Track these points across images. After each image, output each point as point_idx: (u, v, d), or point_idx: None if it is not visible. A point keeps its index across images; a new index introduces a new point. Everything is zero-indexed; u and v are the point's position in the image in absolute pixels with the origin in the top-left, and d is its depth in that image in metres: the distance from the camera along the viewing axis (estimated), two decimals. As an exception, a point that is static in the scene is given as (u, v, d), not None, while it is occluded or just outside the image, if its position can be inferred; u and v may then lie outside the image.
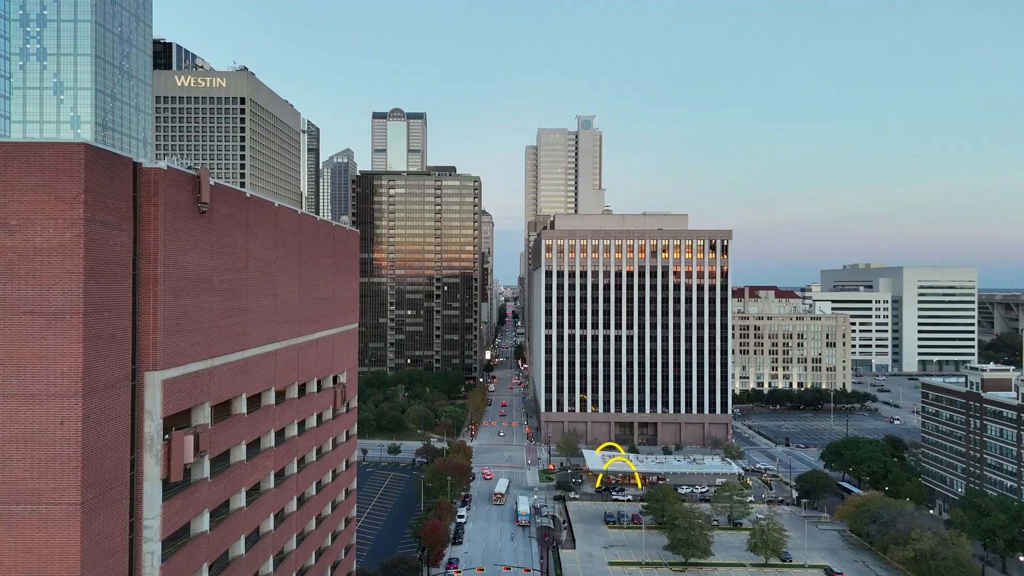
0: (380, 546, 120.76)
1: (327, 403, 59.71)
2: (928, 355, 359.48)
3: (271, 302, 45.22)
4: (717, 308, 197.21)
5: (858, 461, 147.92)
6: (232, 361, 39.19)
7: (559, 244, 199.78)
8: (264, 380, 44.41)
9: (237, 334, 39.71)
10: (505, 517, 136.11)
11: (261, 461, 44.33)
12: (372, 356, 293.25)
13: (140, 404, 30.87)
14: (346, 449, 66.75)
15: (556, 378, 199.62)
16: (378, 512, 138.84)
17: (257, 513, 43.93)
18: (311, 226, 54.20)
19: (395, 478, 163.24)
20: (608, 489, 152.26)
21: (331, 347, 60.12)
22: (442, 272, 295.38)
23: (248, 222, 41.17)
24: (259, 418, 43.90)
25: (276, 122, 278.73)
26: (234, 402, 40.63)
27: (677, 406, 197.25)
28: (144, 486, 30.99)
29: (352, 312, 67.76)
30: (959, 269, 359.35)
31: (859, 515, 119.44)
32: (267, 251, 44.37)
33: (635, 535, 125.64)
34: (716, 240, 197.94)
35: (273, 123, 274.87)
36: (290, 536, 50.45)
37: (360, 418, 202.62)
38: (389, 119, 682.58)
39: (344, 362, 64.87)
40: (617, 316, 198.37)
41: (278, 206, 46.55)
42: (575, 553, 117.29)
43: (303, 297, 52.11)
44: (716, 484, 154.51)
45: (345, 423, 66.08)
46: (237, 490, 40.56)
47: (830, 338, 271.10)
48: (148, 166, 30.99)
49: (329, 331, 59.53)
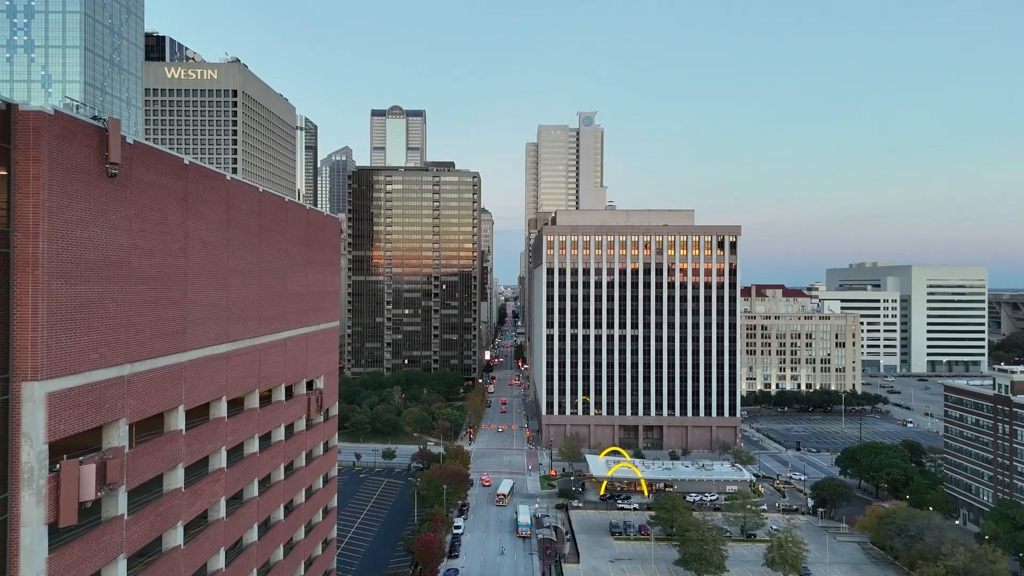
0: (371, 560, 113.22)
1: (299, 412, 52.11)
2: (937, 356, 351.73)
3: (221, 295, 37.61)
4: (725, 307, 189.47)
5: (876, 468, 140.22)
6: (162, 367, 31.59)
7: (561, 240, 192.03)
8: (212, 388, 36.82)
9: (170, 333, 32.11)
10: (504, 528, 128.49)
11: (207, 486, 36.72)
12: (368, 357, 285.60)
13: (15, 426, 23.26)
14: (324, 463, 59.13)
15: (558, 379, 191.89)
16: (370, 522, 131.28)
17: (202, 549, 36.36)
18: (276, 207, 46.55)
19: (389, 484, 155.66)
20: (613, 497, 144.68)
21: (304, 348, 52.51)
22: (440, 270, 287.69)
23: (187, 195, 33.55)
24: (204, 434, 36.31)
25: (270, 116, 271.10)
26: (168, 417, 33.05)
27: (684, 409, 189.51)
28: (21, 534, 23.37)
29: (331, 309, 60.16)
30: (969, 268, 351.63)
31: (883, 527, 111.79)
32: (215, 233, 36.76)
33: (643, 548, 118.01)
34: (724, 236, 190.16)
35: (267, 117, 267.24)
36: (249, 571, 42.85)
37: (354, 421, 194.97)
38: (388, 117, 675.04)
39: (321, 365, 57.27)
40: (621, 315, 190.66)
41: (230, 179, 38.93)
42: (579, 568, 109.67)
43: (266, 290, 44.48)
44: (726, 492, 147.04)
45: (322, 434, 58.48)
46: (171, 525, 32.96)
47: (839, 338, 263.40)
48: (26, 109, 23.38)
49: (301, 330, 51.91)
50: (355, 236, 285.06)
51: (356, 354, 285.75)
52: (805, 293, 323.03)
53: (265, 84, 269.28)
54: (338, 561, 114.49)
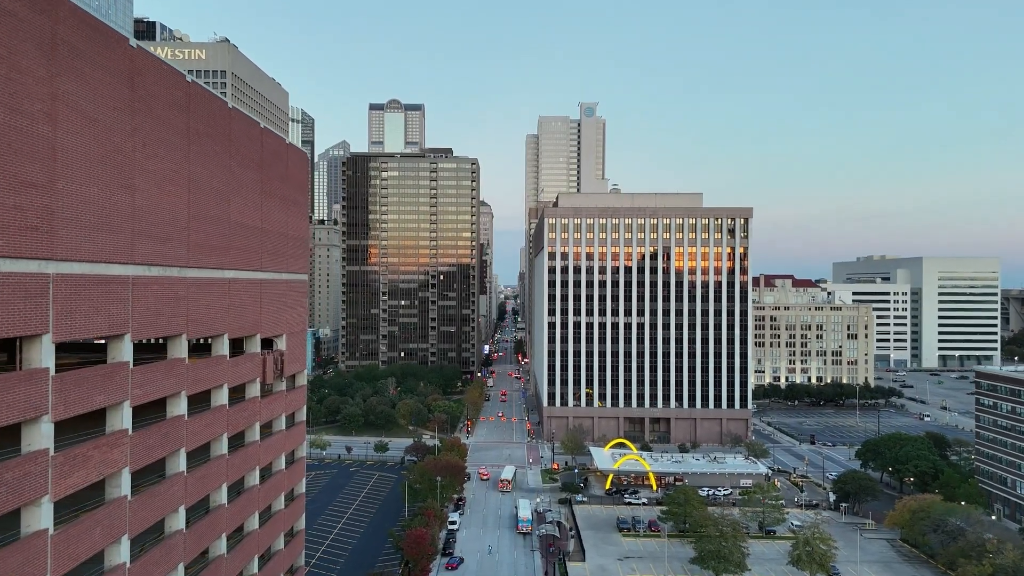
0: (358, 558, 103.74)
1: (250, 374, 42.66)
2: (949, 350, 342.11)
3: (122, 198, 28.15)
4: (736, 293, 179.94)
5: (902, 460, 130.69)
6: (10, 272, 22.16)
7: (563, 223, 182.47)
8: (104, 320, 27.34)
9: (24, 227, 22.68)
10: (503, 523, 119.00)
11: (96, 452, 27.23)
12: (363, 349, 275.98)
13: None
14: (286, 440, 49.65)
15: (560, 369, 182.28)
16: (359, 517, 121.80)
17: (88, 535, 26.88)
18: (215, 110, 37.05)
19: (381, 479, 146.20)
20: (619, 491, 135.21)
21: (258, 296, 43.05)
22: (438, 260, 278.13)
23: (56, 42, 24.09)
24: (91, 380, 26.82)
25: (261, 100, 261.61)
26: (28, 349, 23.63)
27: (692, 400, 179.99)
28: None
29: (296, 258, 50.71)
30: (981, 260, 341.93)
31: (916, 522, 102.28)
32: (109, 111, 27.27)
33: (654, 545, 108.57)
34: (735, 219, 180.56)
35: (258, 100, 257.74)
36: (173, 564, 33.39)
37: (346, 413, 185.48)
38: (386, 110, 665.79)
39: (282, 323, 47.79)
40: (626, 302, 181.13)
41: (137, 48, 29.47)
42: (585, 566, 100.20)
43: (199, 211, 35.02)
44: (740, 486, 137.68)
45: (284, 404, 49.01)
46: (31, 501, 23.51)
47: (851, 330, 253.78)
48: None
49: (253, 274, 42.47)
50: (349, 224, 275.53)
51: (350, 347, 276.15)
52: (815, 283, 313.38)
53: (256, 67, 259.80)
54: (322, 559, 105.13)
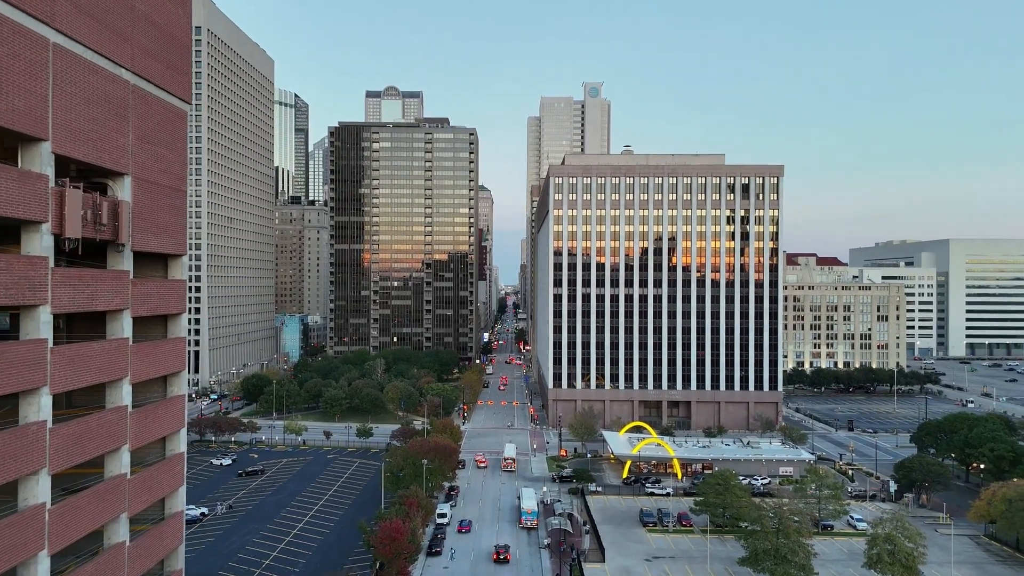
0: (323, 557, 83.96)
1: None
2: (978, 338, 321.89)
3: None
4: (765, 263, 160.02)
5: (974, 443, 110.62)
6: None
7: (571, 183, 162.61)
8: None
9: None
10: (503, 516, 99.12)
11: None
12: (353, 334, 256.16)
13: None
14: (139, 366, 29.78)
15: (567, 347, 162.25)
16: (330, 510, 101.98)
17: None
18: None
19: (362, 466, 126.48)
20: (639, 480, 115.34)
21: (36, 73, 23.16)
22: (433, 238, 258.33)
23: None
24: None
25: (242, 63, 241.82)
26: None
27: (716, 382, 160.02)
28: None
29: (165, 60, 30.83)
30: (1013, 241, 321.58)
31: (1015, 514, 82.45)
32: None
33: (687, 542, 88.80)
34: (764, 178, 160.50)
35: (238, 64, 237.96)
36: None
37: (328, 397, 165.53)
38: (384, 98, 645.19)
39: (122, 150, 27.94)
40: (641, 272, 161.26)
41: None
42: (605, 568, 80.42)
43: None
44: (779, 474, 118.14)
45: (113, 289, 29.19)
46: None
47: (881, 311, 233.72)
48: None
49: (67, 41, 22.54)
50: (337, 200, 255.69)
51: (339, 331, 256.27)
52: (841, 261, 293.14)
53: (238, 28, 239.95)
54: (279, 559, 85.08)
